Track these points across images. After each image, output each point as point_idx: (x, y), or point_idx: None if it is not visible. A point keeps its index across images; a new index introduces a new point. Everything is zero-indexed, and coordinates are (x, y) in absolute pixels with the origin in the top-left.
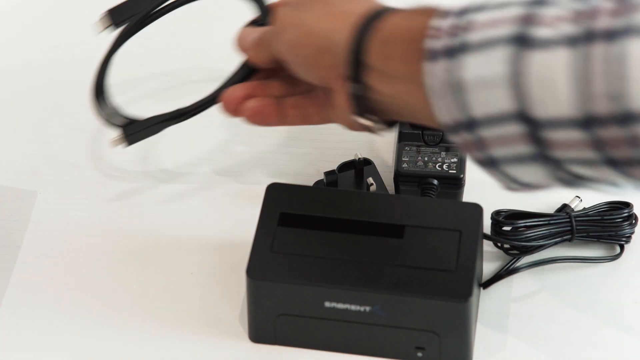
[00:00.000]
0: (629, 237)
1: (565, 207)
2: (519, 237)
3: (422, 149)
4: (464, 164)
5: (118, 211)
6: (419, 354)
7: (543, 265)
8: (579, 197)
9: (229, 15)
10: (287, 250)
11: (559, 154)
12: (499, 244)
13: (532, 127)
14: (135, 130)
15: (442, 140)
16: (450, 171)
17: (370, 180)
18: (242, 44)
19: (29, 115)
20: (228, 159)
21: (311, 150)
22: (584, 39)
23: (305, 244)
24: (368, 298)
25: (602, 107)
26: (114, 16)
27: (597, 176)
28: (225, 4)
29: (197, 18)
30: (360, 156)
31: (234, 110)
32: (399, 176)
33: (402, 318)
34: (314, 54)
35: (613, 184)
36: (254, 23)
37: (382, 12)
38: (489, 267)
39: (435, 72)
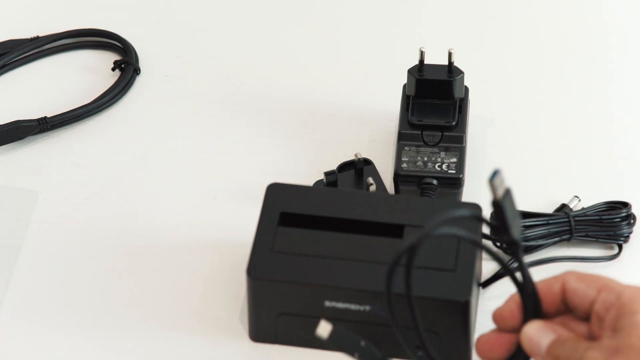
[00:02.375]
0: (627, 237)
1: (563, 207)
2: None
3: (422, 149)
4: (464, 164)
5: (118, 211)
6: (419, 354)
7: (542, 265)
8: (578, 197)
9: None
10: (287, 250)
11: None
12: (498, 244)
13: None
14: None
15: (442, 140)
16: (449, 171)
17: (370, 180)
18: (530, 348)
19: (30, 114)
20: (228, 159)
21: (311, 150)
22: None
23: (305, 244)
24: (368, 297)
25: None
26: None
27: None
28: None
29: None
30: (360, 156)
31: None
32: (399, 176)
33: (402, 318)
34: None
35: None
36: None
37: None
38: (488, 267)
39: None
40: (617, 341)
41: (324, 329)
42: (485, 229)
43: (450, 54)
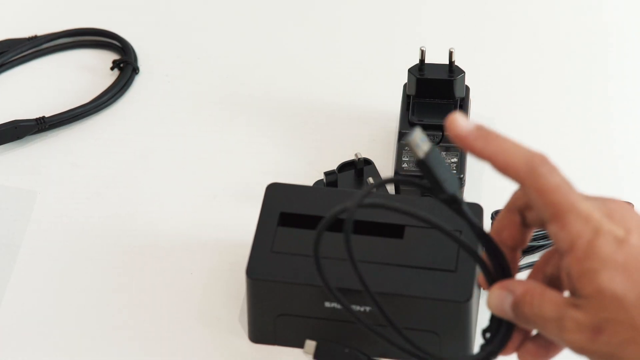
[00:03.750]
0: None
1: None
2: None
3: None
4: (464, 164)
5: (118, 211)
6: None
7: None
8: None
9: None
10: (287, 250)
11: None
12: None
13: None
14: None
15: (442, 140)
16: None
17: (371, 180)
18: (502, 316)
19: (28, 114)
20: (228, 159)
21: (311, 150)
22: None
23: (305, 244)
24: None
25: None
26: None
27: None
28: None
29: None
30: (360, 156)
31: None
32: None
33: (402, 318)
34: None
35: None
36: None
37: None
38: None
39: None
40: (591, 316)
41: (309, 347)
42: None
43: (451, 54)
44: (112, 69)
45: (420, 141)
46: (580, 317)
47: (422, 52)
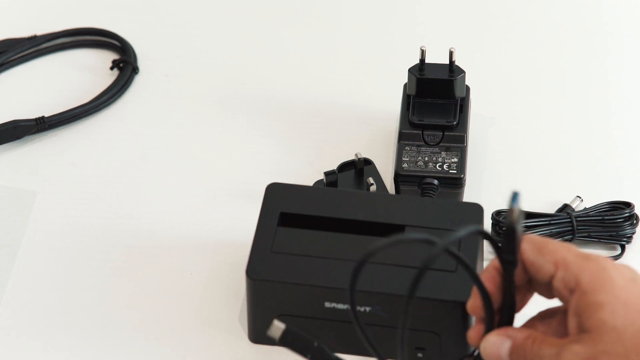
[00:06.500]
0: (630, 237)
1: (566, 207)
2: None
3: (422, 149)
4: (464, 164)
5: (117, 211)
6: (419, 354)
7: None
8: (580, 197)
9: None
10: (287, 250)
11: None
12: (500, 244)
13: None
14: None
15: (443, 140)
16: (450, 171)
17: (370, 180)
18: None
19: (27, 114)
20: (228, 159)
21: (311, 150)
22: None
23: (305, 244)
24: (368, 298)
25: None
26: None
27: None
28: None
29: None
30: (360, 156)
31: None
32: (399, 176)
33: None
34: None
35: None
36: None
37: None
38: None
39: None
40: (588, 348)
41: (276, 329)
42: (487, 229)
43: (451, 53)
44: (111, 68)
45: (518, 206)
46: (579, 349)
47: (422, 52)
